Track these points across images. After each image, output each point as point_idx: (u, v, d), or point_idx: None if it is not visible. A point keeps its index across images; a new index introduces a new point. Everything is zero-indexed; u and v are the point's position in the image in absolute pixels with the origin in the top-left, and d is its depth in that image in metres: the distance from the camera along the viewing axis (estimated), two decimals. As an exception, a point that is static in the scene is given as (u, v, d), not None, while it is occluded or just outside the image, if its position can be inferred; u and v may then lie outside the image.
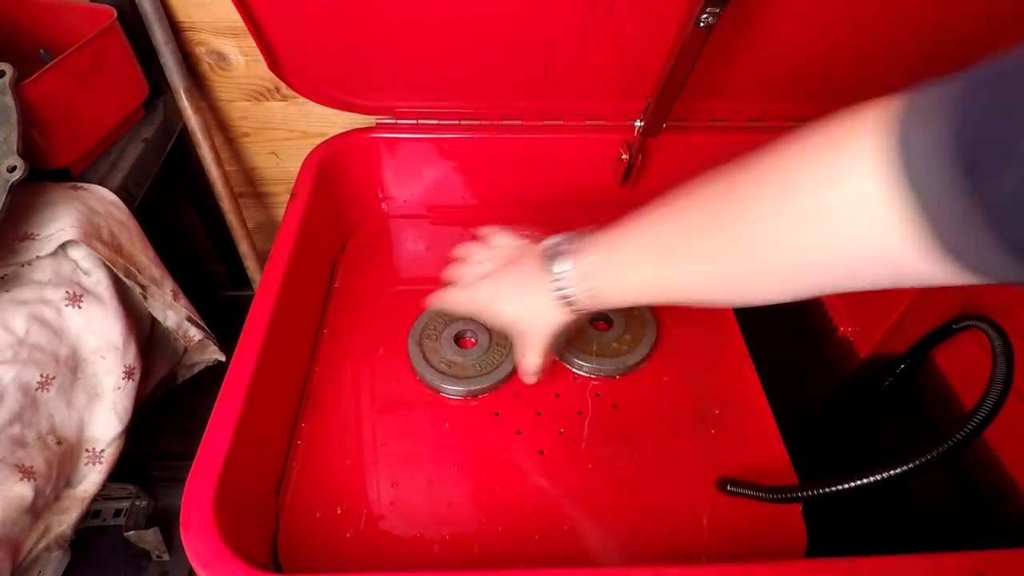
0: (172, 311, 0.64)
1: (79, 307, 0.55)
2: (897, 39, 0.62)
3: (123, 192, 0.63)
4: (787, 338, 0.75)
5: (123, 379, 0.57)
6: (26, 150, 0.51)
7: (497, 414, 0.59)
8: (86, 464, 0.55)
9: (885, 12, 0.58)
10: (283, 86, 0.74)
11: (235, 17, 0.57)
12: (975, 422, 0.55)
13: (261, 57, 0.61)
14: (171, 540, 0.79)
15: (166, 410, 0.70)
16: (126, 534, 0.75)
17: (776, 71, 0.65)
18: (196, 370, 0.72)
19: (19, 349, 0.50)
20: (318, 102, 0.69)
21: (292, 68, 0.64)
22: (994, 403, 0.54)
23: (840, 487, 0.58)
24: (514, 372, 0.60)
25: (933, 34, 0.61)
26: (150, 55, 0.68)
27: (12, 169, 0.50)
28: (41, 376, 0.51)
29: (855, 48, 0.63)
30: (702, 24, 0.52)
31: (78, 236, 0.54)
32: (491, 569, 0.49)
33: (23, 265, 0.54)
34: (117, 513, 0.77)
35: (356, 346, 0.65)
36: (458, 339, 0.63)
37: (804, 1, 0.56)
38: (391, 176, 0.77)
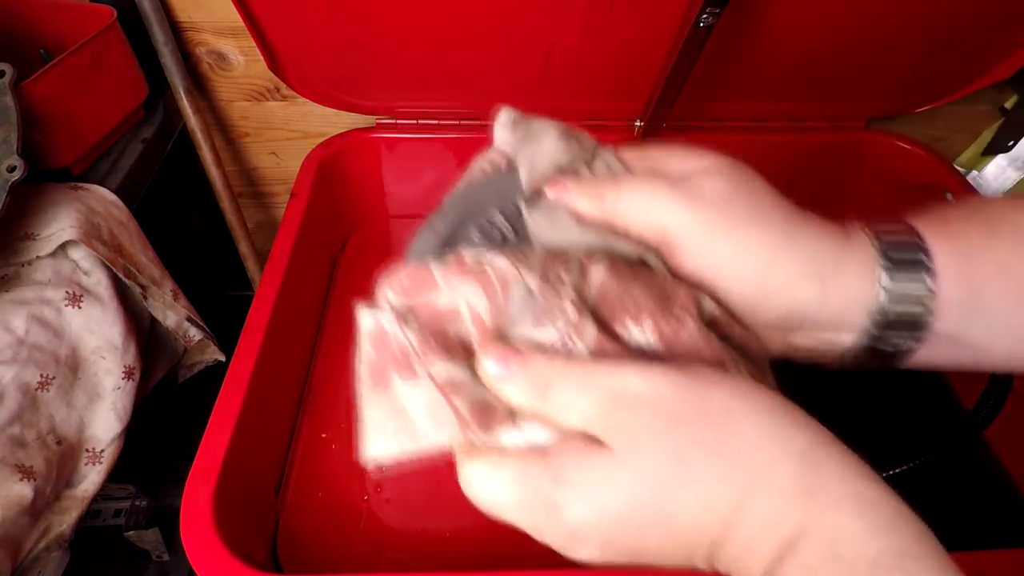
0: (172, 311, 0.64)
1: (79, 307, 0.55)
2: (897, 39, 0.62)
3: (123, 192, 0.63)
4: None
5: (123, 379, 0.57)
6: (26, 150, 0.51)
7: (497, 414, 0.59)
8: (86, 464, 0.55)
9: (884, 12, 0.58)
10: (283, 86, 0.74)
11: (235, 17, 0.57)
12: (975, 422, 0.55)
13: (261, 57, 0.61)
14: (171, 540, 0.79)
15: (166, 410, 0.70)
16: (126, 534, 0.75)
17: (776, 71, 0.65)
18: (196, 370, 0.72)
19: (19, 349, 0.50)
20: (318, 102, 0.69)
21: (292, 68, 0.64)
22: (994, 403, 0.54)
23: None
24: None
25: (932, 34, 0.61)
26: (150, 55, 0.68)
27: (12, 169, 0.50)
28: (41, 376, 0.51)
29: (855, 48, 0.62)
30: (702, 24, 0.52)
31: (78, 236, 0.54)
32: (493, 569, 0.49)
33: (23, 265, 0.54)
34: (117, 513, 0.77)
35: (356, 346, 0.65)
36: None
37: (804, 1, 0.56)
38: (391, 176, 0.77)
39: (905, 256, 0.24)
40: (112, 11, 0.62)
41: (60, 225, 0.54)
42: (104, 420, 0.56)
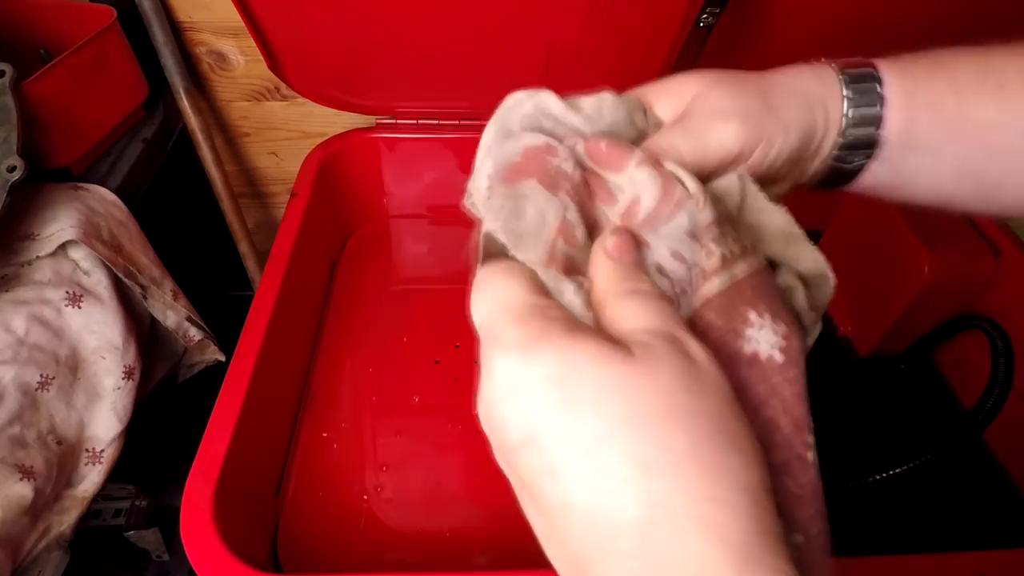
0: (172, 311, 0.64)
1: (79, 307, 0.55)
2: (897, 39, 0.62)
3: (123, 192, 0.63)
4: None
5: (123, 379, 0.57)
6: (26, 150, 0.51)
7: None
8: (86, 464, 0.55)
9: (884, 12, 0.58)
10: (283, 86, 0.74)
11: (235, 17, 0.57)
12: (975, 422, 0.55)
13: (261, 57, 0.61)
14: (171, 540, 0.79)
15: (166, 410, 0.70)
16: (126, 534, 0.75)
17: (776, 71, 0.65)
18: (196, 370, 0.72)
19: (19, 349, 0.50)
20: (318, 102, 0.69)
21: (292, 68, 0.64)
22: (994, 403, 0.54)
23: (840, 488, 0.58)
24: None
25: (933, 34, 0.61)
26: (150, 55, 0.68)
27: (12, 169, 0.50)
28: (41, 376, 0.51)
29: (855, 48, 0.62)
30: (702, 24, 0.52)
31: (78, 236, 0.54)
32: (493, 569, 0.49)
33: (23, 265, 0.54)
34: (117, 513, 0.77)
35: (356, 346, 0.65)
36: None
37: (804, 1, 0.56)
38: (391, 176, 0.77)
39: (863, 85, 0.27)
40: (112, 11, 0.62)
41: (60, 225, 0.54)
42: (104, 420, 0.56)
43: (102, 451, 0.56)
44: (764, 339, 0.22)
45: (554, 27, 0.59)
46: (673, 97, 0.29)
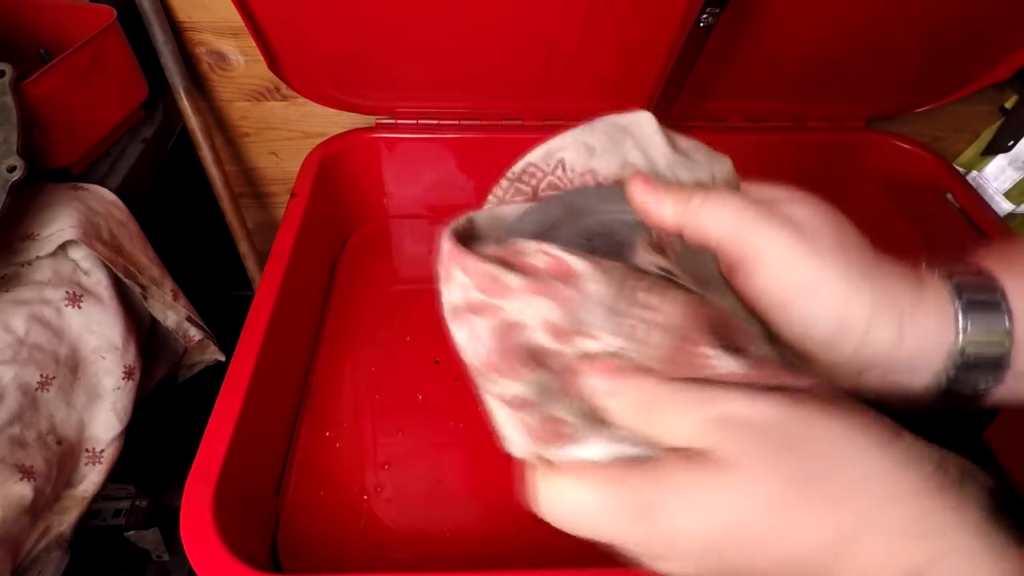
0: (172, 311, 0.64)
1: (79, 307, 0.55)
2: (897, 39, 0.62)
3: (123, 192, 0.63)
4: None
5: (123, 379, 0.57)
6: (26, 150, 0.51)
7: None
8: (86, 464, 0.55)
9: (885, 12, 0.58)
10: (283, 86, 0.74)
11: (235, 17, 0.57)
12: (975, 422, 0.55)
13: (261, 57, 0.61)
14: (171, 540, 0.79)
15: (166, 410, 0.70)
16: (126, 534, 0.75)
17: (776, 71, 0.65)
18: (196, 370, 0.72)
19: (19, 349, 0.50)
20: (318, 102, 0.69)
21: (292, 68, 0.64)
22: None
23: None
24: None
25: (932, 34, 0.61)
26: (150, 55, 0.68)
27: (12, 169, 0.50)
28: (41, 376, 0.51)
29: (855, 48, 0.63)
30: (702, 24, 0.53)
31: (78, 236, 0.54)
32: (492, 568, 0.49)
33: (23, 265, 0.54)
34: (117, 513, 0.77)
35: (356, 346, 0.65)
36: None
37: (804, 1, 0.56)
38: (391, 176, 0.77)
39: (981, 297, 0.23)
40: (112, 11, 0.62)
41: (60, 225, 0.54)
42: (104, 420, 0.56)
43: (102, 451, 0.56)
44: (726, 365, 0.22)
45: (554, 27, 0.59)
46: (772, 190, 0.26)
